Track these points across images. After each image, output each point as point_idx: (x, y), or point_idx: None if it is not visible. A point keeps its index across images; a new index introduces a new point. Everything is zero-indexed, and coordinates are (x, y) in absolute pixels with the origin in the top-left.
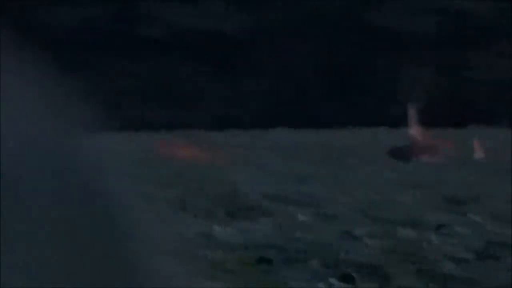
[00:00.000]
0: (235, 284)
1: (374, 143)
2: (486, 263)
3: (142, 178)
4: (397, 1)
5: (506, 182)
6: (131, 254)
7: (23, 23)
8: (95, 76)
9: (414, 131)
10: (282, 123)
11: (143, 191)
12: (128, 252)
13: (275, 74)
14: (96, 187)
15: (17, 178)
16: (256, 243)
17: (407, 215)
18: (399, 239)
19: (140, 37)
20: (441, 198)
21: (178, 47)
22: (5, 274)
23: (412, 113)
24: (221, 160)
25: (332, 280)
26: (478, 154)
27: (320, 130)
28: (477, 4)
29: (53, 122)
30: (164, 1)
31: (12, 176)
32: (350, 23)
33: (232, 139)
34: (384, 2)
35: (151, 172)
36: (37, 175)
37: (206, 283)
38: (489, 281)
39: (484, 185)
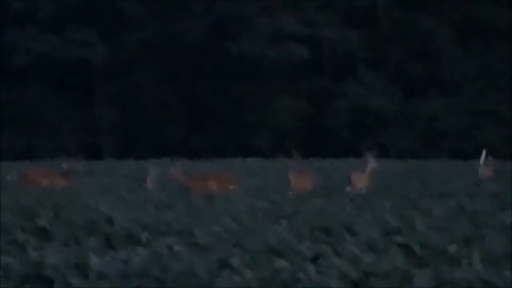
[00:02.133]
0: None
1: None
2: None
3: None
4: (260, 29)
5: (380, 212)
6: None
7: None
8: None
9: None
10: (140, 152)
11: (5, 221)
12: None
13: (136, 103)
14: None
15: None
16: (132, 273)
17: (280, 245)
18: (274, 269)
19: (1, 65)
20: (311, 228)
21: (39, 75)
22: None
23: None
24: (85, 188)
25: None
26: (356, 185)
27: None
28: (342, 32)
29: None
30: (26, 29)
31: None
32: (211, 51)
33: (94, 167)
34: (246, 30)
35: (13, 201)
36: None
37: None
38: None
39: (357, 215)
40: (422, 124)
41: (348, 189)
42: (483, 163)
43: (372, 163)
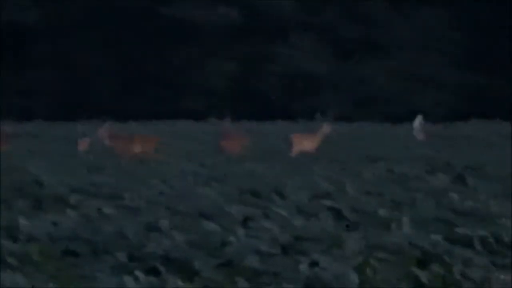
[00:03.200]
0: (39, 277)
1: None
2: (291, 257)
3: None
4: None
5: (310, 175)
6: None
7: None
8: None
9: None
10: (75, 115)
11: None
12: None
13: (69, 66)
14: None
15: None
16: (62, 236)
17: (210, 208)
18: (204, 232)
19: None
20: (243, 192)
21: None
22: None
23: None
24: (15, 150)
25: (138, 273)
26: (298, 148)
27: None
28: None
29: None
30: None
31: None
32: (144, 15)
33: (27, 129)
34: None
35: None
36: None
37: (10, 276)
38: (293, 275)
39: (288, 178)
40: (355, 88)
41: (291, 151)
42: (418, 127)
43: (325, 127)
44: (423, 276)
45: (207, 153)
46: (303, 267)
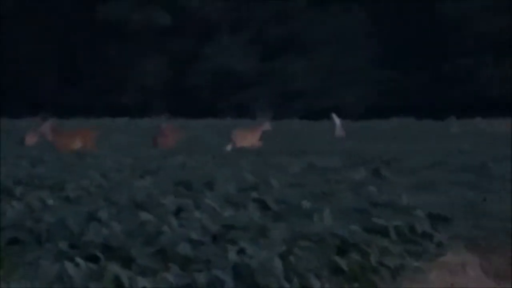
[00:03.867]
0: None
1: (110, 131)
2: (221, 245)
3: None
4: None
5: (238, 169)
6: None
7: None
8: None
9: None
10: (14, 109)
11: None
12: None
13: (8, 61)
14: None
15: None
16: (7, 225)
17: (145, 199)
18: (139, 222)
19: None
20: (175, 184)
21: None
22: None
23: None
24: None
25: (79, 260)
26: (238, 143)
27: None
28: (203, 2)
29: None
30: None
31: None
32: (82, 15)
33: None
34: None
35: None
36: None
37: None
38: (222, 261)
39: (217, 172)
40: (279, 85)
41: (228, 147)
42: (338, 124)
43: (266, 125)
44: (343, 263)
45: (142, 147)
46: (232, 254)
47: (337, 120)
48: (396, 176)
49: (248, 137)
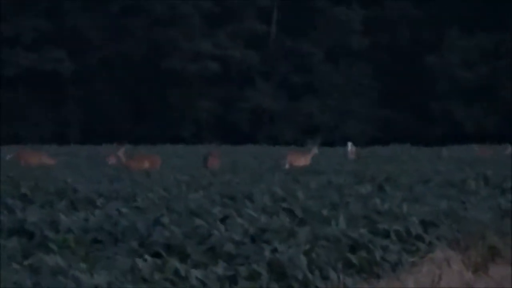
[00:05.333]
0: (74, 259)
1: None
2: (258, 244)
3: None
4: (185, 50)
5: (271, 184)
6: None
7: None
8: None
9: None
10: (100, 139)
11: None
12: None
13: (97, 105)
14: None
15: None
16: (91, 228)
17: (198, 209)
18: (194, 226)
19: None
20: (221, 196)
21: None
22: None
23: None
24: (58, 165)
25: (146, 256)
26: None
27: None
28: (244, 52)
29: None
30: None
31: None
32: (150, 67)
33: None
34: (175, 51)
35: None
36: None
37: (52, 258)
38: (259, 258)
39: (254, 187)
40: (301, 120)
41: (286, 166)
42: (350, 150)
43: (314, 150)
44: (354, 258)
45: (196, 168)
46: (267, 252)
47: (350, 146)
48: (395, 191)
49: (301, 158)
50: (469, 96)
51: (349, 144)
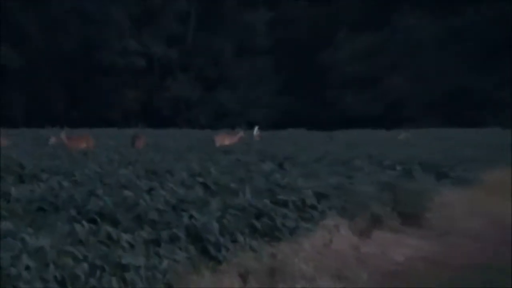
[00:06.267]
0: (22, 224)
1: (104, 138)
2: (177, 213)
3: None
4: (116, 47)
5: (188, 162)
6: None
7: None
8: None
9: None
10: (44, 123)
11: None
12: None
13: (41, 88)
14: None
15: None
16: (36, 199)
17: (128, 182)
18: (124, 197)
19: None
20: (146, 172)
21: None
22: None
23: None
24: (8, 146)
25: (84, 223)
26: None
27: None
28: (163, 48)
29: None
30: None
31: None
32: (88, 61)
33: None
34: (111, 47)
35: None
36: None
37: (4, 223)
38: (178, 223)
39: (174, 163)
40: (214, 107)
41: (217, 144)
42: (256, 133)
43: (241, 133)
44: (258, 224)
45: (125, 148)
46: (185, 219)
47: (256, 130)
48: (293, 168)
49: (226, 140)
50: (357, 86)
51: (256, 128)
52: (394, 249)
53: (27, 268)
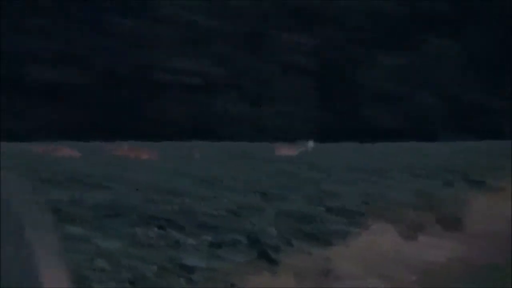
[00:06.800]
0: (89, 228)
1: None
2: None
3: None
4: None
5: (241, 170)
6: None
7: None
8: None
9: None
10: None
11: None
12: None
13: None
14: None
15: None
16: (104, 206)
17: (189, 191)
18: (187, 205)
19: None
20: (205, 180)
21: None
22: None
23: None
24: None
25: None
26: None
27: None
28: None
29: None
30: None
31: None
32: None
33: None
34: None
35: None
36: None
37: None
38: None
39: (230, 172)
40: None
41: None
42: (310, 145)
43: (303, 146)
44: (310, 229)
45: (184, 158)
46: (245, 224)
47: (310, 142)
48: (341, 176)
49: (286, 150)
50: (388, 102)
51: (310, 141)
52: (434, 251)
53: (101, 269)
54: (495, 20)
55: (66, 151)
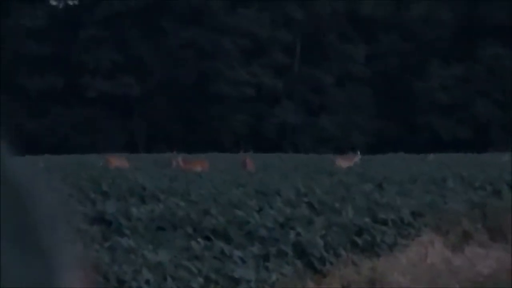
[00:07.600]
0: (143, 241)
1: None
2: (285, 230)
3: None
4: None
5: (294, 182)
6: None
7: None
8: None
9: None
10: (166, 147)
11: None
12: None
13: (154, 115)
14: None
15: None
16: (156, 218)
17: (239, 202)
18: (235, 216)
19: None
20: (257, 192)
21: None
22: None
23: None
24: (130, 168)
25: (199, 239)
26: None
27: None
28: (270, 78)
29: None
30: None
31: None
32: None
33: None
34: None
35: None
36: None
37: (126, 240)
38: (285, 240)
39: (282, 184)
40: (317, 132)
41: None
42: (357, 157)
43: (357, 157)
44: (359, 240)
45: (236, 170)
46: (292, 236)
47: (358, 155)
48: (391, 188)
49: (344, 162)
50: (445, 112)
51: (358, 152)
52: (482, 262)
53: (147, 282)
54: None
55: (122, 162)
